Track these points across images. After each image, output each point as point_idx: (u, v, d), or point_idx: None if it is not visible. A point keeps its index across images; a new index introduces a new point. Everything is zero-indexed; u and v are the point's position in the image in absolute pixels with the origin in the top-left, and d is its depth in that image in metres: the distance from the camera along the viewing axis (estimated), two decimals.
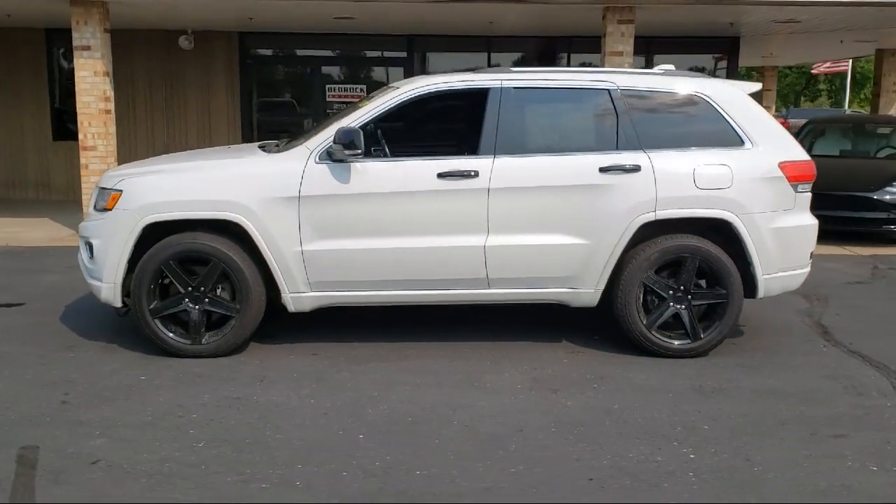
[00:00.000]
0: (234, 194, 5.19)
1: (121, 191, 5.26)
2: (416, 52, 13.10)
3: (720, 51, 13.30)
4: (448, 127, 6.36)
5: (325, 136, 5.29)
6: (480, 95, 5.44)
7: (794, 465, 3.88)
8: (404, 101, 5.40)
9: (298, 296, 5.33)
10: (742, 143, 5.42)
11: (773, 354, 5.54)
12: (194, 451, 3.99)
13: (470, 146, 5.43)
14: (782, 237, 5.42)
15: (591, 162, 5.31)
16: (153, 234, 5.22)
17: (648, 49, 13.00)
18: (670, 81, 5.55)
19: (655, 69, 5.93)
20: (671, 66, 6.04)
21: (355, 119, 5.32)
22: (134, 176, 5.33)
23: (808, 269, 5.62)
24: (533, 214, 5.30)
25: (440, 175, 5.24)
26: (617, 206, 5.28)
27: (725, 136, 5.43)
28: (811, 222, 5.55)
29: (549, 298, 5.49)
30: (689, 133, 5.44)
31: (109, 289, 5.31)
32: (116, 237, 5.23)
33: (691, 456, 4.00)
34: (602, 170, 5.29)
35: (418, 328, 6.01)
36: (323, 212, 5.21)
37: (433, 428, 4.29)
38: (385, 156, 5.61)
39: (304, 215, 5.21)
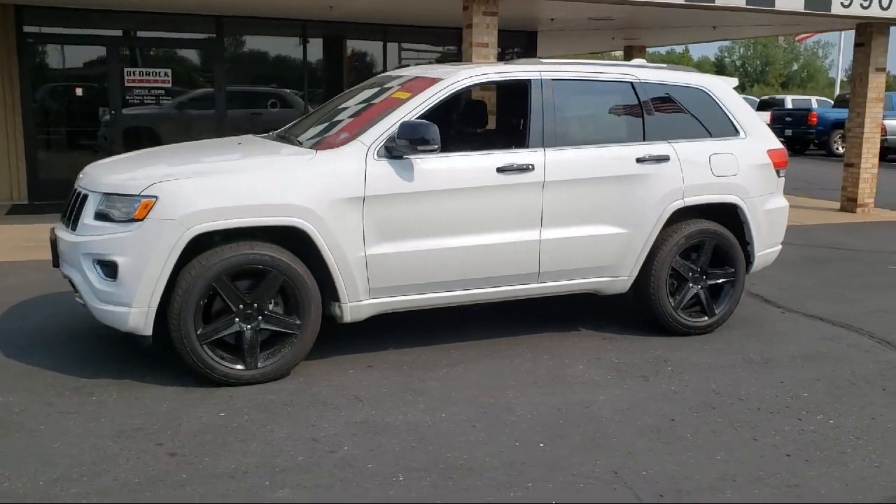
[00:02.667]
0: (297, 197, 4.63)
1: (155, 197, 4.43)
2: (226, 34, 12.21)
3: (520, 45, 14.02)
4: (493, 119, 6.13)
5: (380, 131, 4.90)
6: (522, 87, 5.37)
7: None
8: (453, 93, 5.16)
9: (358, 304, 4.90)
10: (737, 133, 5.92)
11: (758, 326, 6.11)
12: (396, 483, 3.58)
13: (518, 139, 5.34)
14: (770, 218, 6.02)
15: (629, 153, 5.49)
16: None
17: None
18: (676, 75, 5.89)
19: (633, 62, 6.22)
20: (643, 60, 6.38)
21: (408, 112, 4.98)
22: (169, 180, 4.51)
23: (780, 247, 6.28)
24: (581, 206, 5.36)
25: (499, 170, 5.11)
26: (652, 194, 5.52)
27: (724, 126, 5.89)
28: (786, 204, 6.22)
29: (587, 288, 5.59)
30: (696, 124, 5.82)
31: (140, 315, 4.47)
32: (154, 252, 4.41)
33: (830, 421, 4.38)
34: (638, 160, 5.49)
35: (427, 329, 5.75)
36: (387, 212, 4.84)
37: (594, 425, 4.24)
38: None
39: (367, 217, 4.80)
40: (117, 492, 3.44)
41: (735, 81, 6.19)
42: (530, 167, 5.16)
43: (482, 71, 5.30)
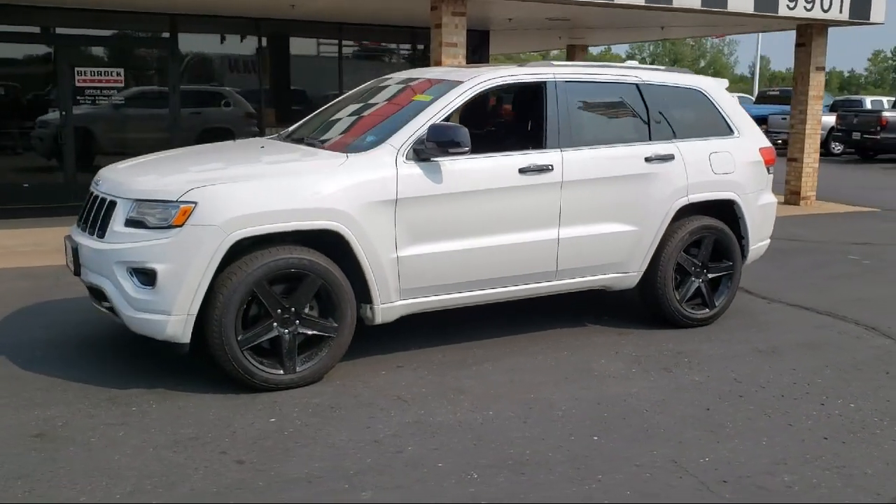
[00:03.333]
0: (333, 201, 4.65)
1: (194, 203, 4.38)
2: (180, 32, 11.95)
3: (472, 44, 14.11)
4: (507, 120, 6.19)
5: (408, 134, 4.95)
6: (537, 89, 5.49)
7: None
8: (475, 95, 5.25)
9: (389, 306, 4.95)
10: (732, 132, 6.18)
11: (750, 317, 6.38)
12: (473, 481, 3.65)
13: (535, 140, 5.45)
14: (762, 213, 6.31)
15: (637, 152, 5.67)
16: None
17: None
18: (674, 76, 6.10)
19: (628, 63, 6.42)
20: (635, 62, 6.59)
21: (434, 115, 5.04)
22: (207, 185, 4.46)
23: (769, 241, 6.58)
24: (595, 205, 5.51)
25: (521, 170, 5.22)
26: (660, 192, 5.72)
27: (719, 126, 6.14)
28: (775, 200, 6.51)
29: (600, 284, 5.76)
30: (694, 123, 6.05)
31: (178, 322, 4.42)
32: (195, 258, 4.37)
33: (851, 405, 4.64)
34: (647, 159, 5.68)
35: (442, 329, 5.80)
36: (418, 214, 4.90)
37: (637, 417, 4.39)
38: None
39: (399, 219, 4.85)
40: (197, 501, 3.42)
41: (726, 82, 6.45)
42: (550, 167, 5.29)
43: (502, 73, 5.39)
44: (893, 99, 24.56)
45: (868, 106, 24.05)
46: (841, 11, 11.65)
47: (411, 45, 13.79)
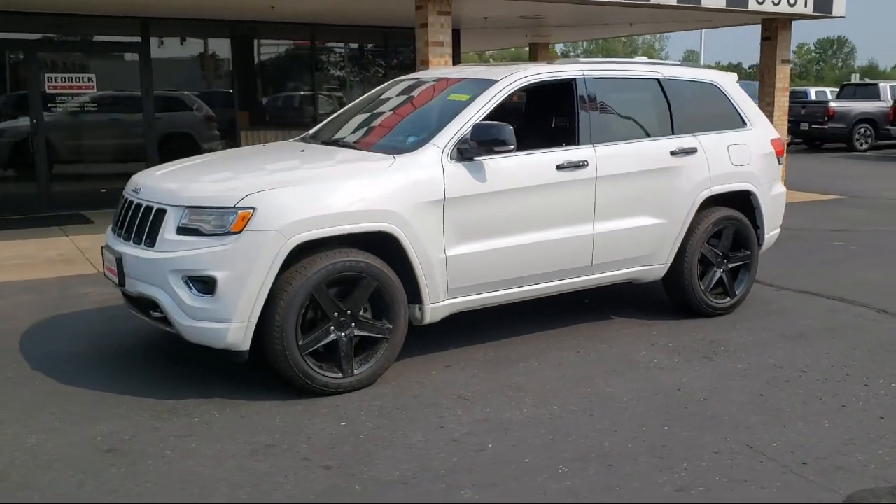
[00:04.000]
0: (387, 202, 4.64)
1: (252, 208, 4.33)
2: (152, 36, 11.72)
3: (401, 41, 14.11)
4: (538, 117, 6.21)
5: (451, 134, 4.96)
6: (568, 86, 5.55)
7: None
8: (511, 93, 5.29)
9: (437, 306, 4.96)
10: (744, 124, 6.33)
11: (765, 304, 6.53)
12: (566, 475, 3.69)
13: (569, 136, 5.51)
14: (775, 202, 6.49)
15: (664, 146, 5.78)
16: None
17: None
18: (690, 71, 6.23)
19: (638, 58, 6.53)
20: (644, 58, 6.71)
21: (474, 114, 5.06)
22: (265, 190, 4.41)
23: (780, 230, 6.76)
24: (626, 199, 5.60)
25: (558, 167, 5.28)
26: (685, 185, 5.84)
27: (733, 119, 6.29)
28: (785, 189, 6.70)
29: (629, 277, 5.85)
30: (711, 117, 6.18)
31: (239, 330, 4.36)
32: (256, 264, 4.32)
33: (893, 385, 4.81)
34: (672, 153, 5.79)
35: (471, 327, 5.82)
36: (464, 213, 4.92)
37: (698, 406, 4.48)
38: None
39: (447, 219, 4.86)
40: None
41: (735, 76, 6.60)
42: (585, 163, 5.36)
43: (535, 71, 5.44)
44: (837, 90, 25.36)
45: (813, 97, 24.78)
46: (806, 6, 11.99)
47: (384, 46, 13.73)
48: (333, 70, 13.63)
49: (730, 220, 6.10)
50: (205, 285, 4.34)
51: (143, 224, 4.63)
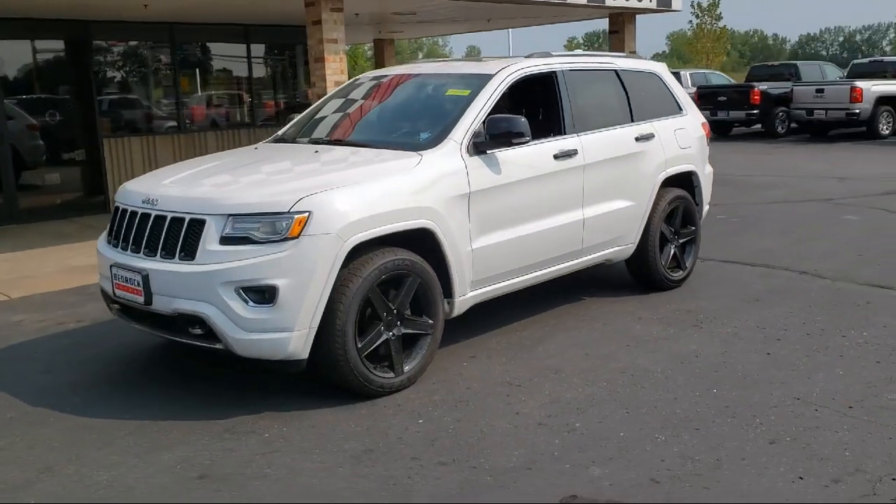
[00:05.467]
0: (424, 199, 4.67)
1: (308, 212, 4.22)
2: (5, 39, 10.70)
3: (302, 41, 13.90)
4: (527, 108, 6.27)
5: (465, 128, 5.05)
6: (550, 78, 5.78)
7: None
8: (509, 86, 5.44)
9: (464, 298, 5.05)
10: (681, 110, 6.87)
11: (705, 275, 7.08)
12: (664, 442, 3.94)
13: (556, 127, 5.72)
14: (707, 181, 7.09)
15: (630, 133, 6.17)
16: None
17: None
18: (636, 62, 6.67)
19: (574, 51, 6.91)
20: (620, 53, 7.09)
21: (481, 108, 5.18)
22: (316, 193, 4.30)
23: (709, 206, 7.38)
24: (605, 184, 5.93)
25: (555, 156, 5.51)
26: (648, 169, 6.27)
27: (672, 106, 6.81)
28: (712, 169, 7.32)
29: (605, 258, 6.18)
30: (656, 104, 6.64)
31: (301, 338, 4.25)
32: (317, 270, 4.22)
33: (865, 333, 5.45)
34: (636, 139, 6.20)
35: (460, 321, 5.87)
36: (485, 206, 5.04)
37: (725, 369, 4.87)
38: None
39: (472, 212, 4.96)
40: None
41: (665, 65, 7.12)
42: (575, 152, 5.62)
43: (525, 64, 5.63)
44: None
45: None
46: (651, 1, 12.95)
47: (245, 44, 13.31)
48: (197, 70, 13.06)
49: (680, 199, 6.59)
50: (262, 295, 4.17)
51: (172, 237, 4.36)
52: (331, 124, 5.76)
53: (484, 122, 5.07)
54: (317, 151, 5.16)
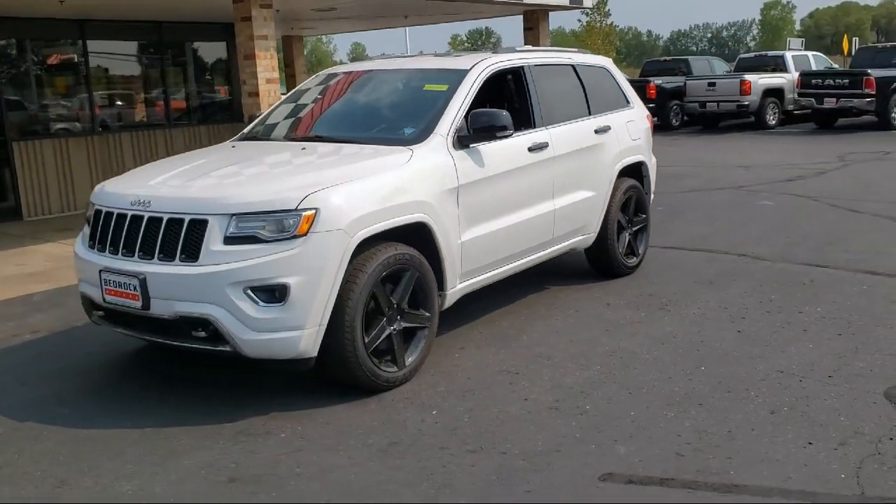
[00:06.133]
0: (420, 193, 4.73)
1: (316, 209, 4.21)
2: None
3: (217, 38, 13.62)
4: (498, 103, 6.29)
5: (449, 122, 5.12)
6: (518, 73, 5.92)
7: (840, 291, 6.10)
8: (484, 81, 5.54)
9: (453, 290, 5.13)
10: (629, 103, 7.14)
11: (652, 260, 7.33)
12: (674, 417, 4.14)
13: (525, 120, 5.84)
14: (653, 171, 7.40)
15: (590, 125, 6.38)
16: None
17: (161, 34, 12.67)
18: (587, 57, 6.89)
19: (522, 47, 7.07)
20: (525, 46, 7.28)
21: (462, 102, 5.26)
22: (320, 189, 4.29)
23: (653, 195, 7.69)
24: (571, 175, 6.12)
25: (529, 149, 5.66)
26: (606, 160, 6.50)
27: (620, 98, 7.07)
28: (656, 160, 7.63)
29: (570, 247, 6.36)
30: (608, 98, 6.88)
31: (311, 336, 4.25)
32: (327, 266, 4.22)
33: (819, 309, 5.82)
34: (596, 131, 6.42)
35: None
36: (472, 199, 5.13)
37: (708, 347, 5.12)
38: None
39: (461, 205, 5.05)
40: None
41: (611, 60, 7.38)
42: (546, 144, 5.78)
43: (497, 59, 5.74)
44: None
45: None
46: None
47: (158, 41, 12.89)
48: (108, 70, 12.57)
49: (633, 188, 6.86)
50: (272, 294, 4.13)
51: (170, 238, 4.26)
52: (307, 121, 5.72)
53: (466, 116, 5.15)
54: (303, 148, 5.12)
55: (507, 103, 6.12)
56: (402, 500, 3.44)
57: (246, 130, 5.99)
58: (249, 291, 4.11)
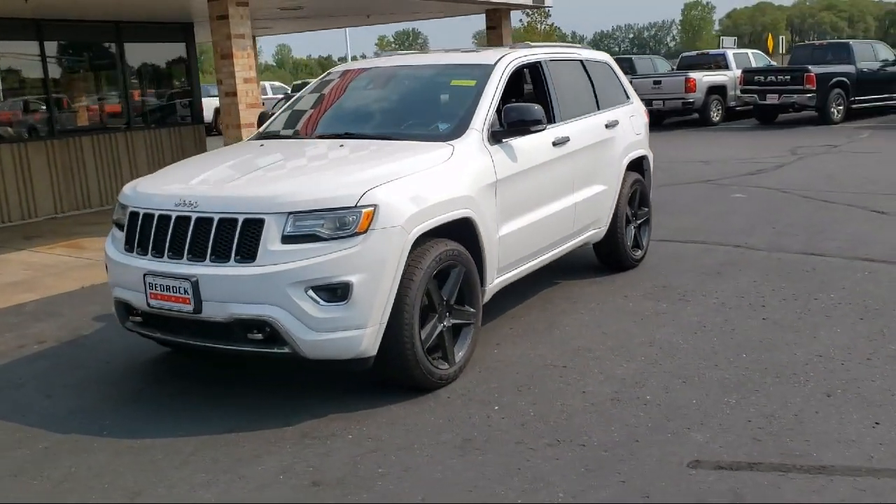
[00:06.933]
0: (465, 188, 4.70)
1: (374, 205, 4.14)
2: None
3: (175, 37, 13.27)
4: (517, 97, 6.24)
5: (482, 117, 5.09)
6: (536, 68, 5.93)
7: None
8: (510, 75, 5.53)
9: (492, 286, 5.12)
10: (629, 98, 7.23)
11: (652, 252, 7.44)
12: (738, 404, 4.20)
13: (545, 115, 5.86)
14: (651, 165, 7.51)
15: (601, 120, 6.44)
16: None
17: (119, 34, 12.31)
18: (591, 53, 6.95)
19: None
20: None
21: (492, 98, 5.24)
22: (378, 185, 4.22)
23: None
24: (588, 169, 6.17)
25: (553, 143, 5.68)
26: (615, 154, 6.57)
27: (622, 94, 7.15)
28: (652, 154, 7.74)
29: (585, 241, 6.41)
30: (611, 93, 6.96)
31: (372, 334, 4.18)
32: (387, 264, 4.15)
33: (832, 295, 5.98)
34: (606, 126, 6.48)
35: None
36: (508, 193, 5.12)
37: (739, 334, 5.20)
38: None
39: (499, 199, 5.04)
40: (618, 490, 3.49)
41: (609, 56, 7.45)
42: (567, 139, 5.80)
43: (518, 54, 5.73)
44: None
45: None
46: None
47: (117, 42, 12.50)
48: (69, 72, 12.14)
49: (638, 182, 6.95)
50: (335, 293, 4.04)
51: (223, 239, 4.13)
52: (333, 118, 5.61)
53: (498, 110, 5.13)
54: (342, 145, 5.02)
55: (527, 98, 6.11)
56: (498, 496, 3.39)
57: (261, 129, 5.84)
58: (311, 291, 4.01)
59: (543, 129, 5.19)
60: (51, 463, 3.90)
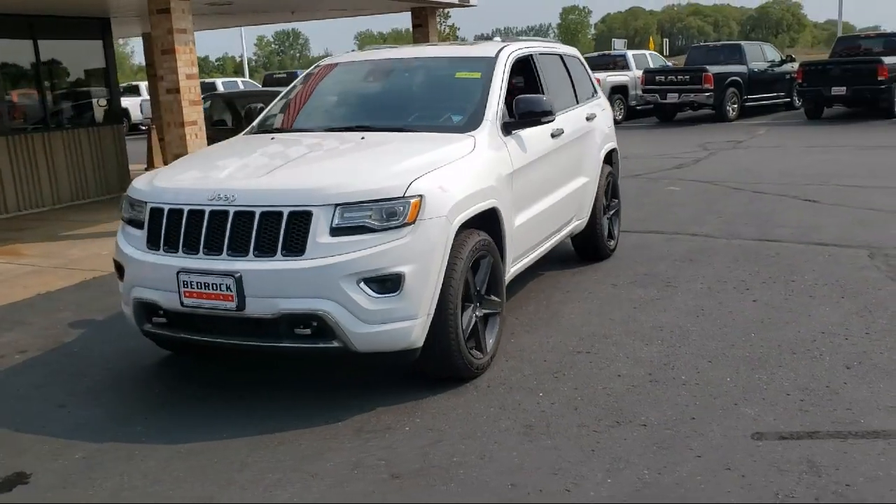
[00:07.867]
0: (491, 179, 4.74)
1: (421, 196, 4.11)
2: None
3: (92, 34, 12.67)
4: (511, 90, 6.20)
5: (494, 109, 5.13)
6: (528, 61, 6.02)
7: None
8: (512, 67, 5.59)
9: (508, 276, 5.17)
10: (597, 93, 7.43)
11: (620, 242, 7.75)
12: (773, 384, 4.41)
13: None
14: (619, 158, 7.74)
15: (582, 113, 6.59)
16: None
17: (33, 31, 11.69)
18: (565, 48, 7.09)
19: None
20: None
21: (499, 89, 5.29)
22: (421, 176, 4.19)
23: None
24: (573, 161, 6.31)
25: (552, 135, 5.78)
26: (595, 146, 6.74)
27: (590, 88, 7.34)
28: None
29: (570, 232, 6.54)
30: (584, 87, 7.12)
31: (422, 325, 4.16)
32: (435, 253, 4.14)
33: (806, 277, 6.32)
34: (587, 118, 6.65)
35: None
36: (520, 184, 5.18)
37: (739, 315, 5.42)
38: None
39: (514, 190, 5.10)
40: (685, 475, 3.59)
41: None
42: (562, 131, 5.91)
43: (515, 47, 5.80)
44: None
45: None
46: None
47: (31, 39, 11.83)
48: None
49: (611, 174, 7.14)
50: (386, 284, 4.00)
51: (267, 233, 4.01)
52: (341, 112, 5.50)
53: (506, 102, 5.17)
54: (363, 138, 4.93)
55: (521, 90, 6.17)
56: (585, 477, 3.44)
57: (256, 123, 5.68)
58: (363, 283, 3.95)
59: (553, 120, 5.26)
60: (97, 473, 3.70)
